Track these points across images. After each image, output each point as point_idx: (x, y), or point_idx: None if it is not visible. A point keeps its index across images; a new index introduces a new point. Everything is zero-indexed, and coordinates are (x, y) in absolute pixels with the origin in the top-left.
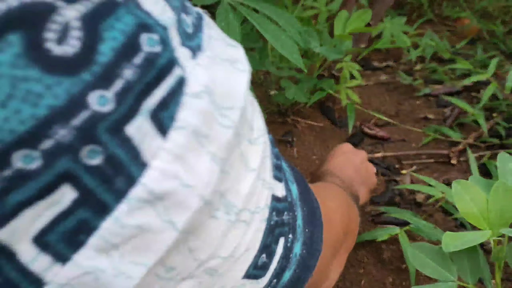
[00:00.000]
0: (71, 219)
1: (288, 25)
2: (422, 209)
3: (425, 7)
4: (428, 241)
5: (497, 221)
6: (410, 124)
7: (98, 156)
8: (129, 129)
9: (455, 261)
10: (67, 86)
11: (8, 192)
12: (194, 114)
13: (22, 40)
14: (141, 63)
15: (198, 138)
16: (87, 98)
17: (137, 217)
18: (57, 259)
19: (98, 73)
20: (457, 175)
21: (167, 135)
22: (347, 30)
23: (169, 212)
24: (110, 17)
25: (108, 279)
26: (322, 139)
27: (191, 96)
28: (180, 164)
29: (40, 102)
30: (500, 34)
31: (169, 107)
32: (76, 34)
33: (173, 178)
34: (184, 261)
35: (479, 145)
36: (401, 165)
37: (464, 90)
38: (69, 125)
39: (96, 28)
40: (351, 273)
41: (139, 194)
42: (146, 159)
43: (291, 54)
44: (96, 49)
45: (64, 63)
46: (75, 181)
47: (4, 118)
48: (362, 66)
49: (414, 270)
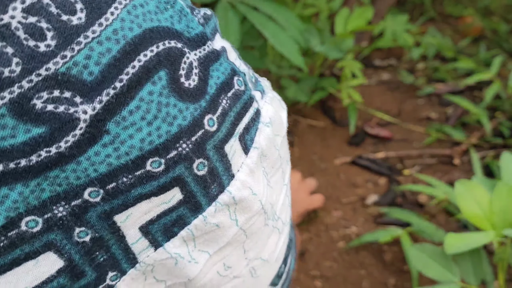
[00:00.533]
0: (172, 214)
1: (288, 24)
2: (424, 210)
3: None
4: (431, 242)
5: (500, 222)
6: (412, 124)
7: (205, 168)
8: (226, 147)
9: (458, 262)
10: (192, 110)
11: (136, 186)
12: (264, 139)
13: (167, 75)
14: (232, 96)
15: (261, 157)
16: (203, 120)
17: (218, 217)
18: (152, 244)
19: (209, 101)
20: (460, 176)
21: (249, 153)
22: (348, 29)
23: (236, 213)
24: (216, 62)
25: (184, 263)
26: (323, 139)
27: (264, 124)
28: (252, 176)
29: (174, 122)
30: (503, 33)
31: (250, 132)
32: (196, 72)
33: (248, 187)
34: (238, 260)
35: (482, 145)
36: (403, 165)
37: (467, 89)
38: (189, 140)
39: (208, 69)
40: (353, 274)
41: (225, 199)
42: (233, 171)
43: (291, 53)
44: (208, 83)
45: (190, 93)
46: (184, 185)
47: (148, 132)
48: (364, 64)
49: (416, 271)
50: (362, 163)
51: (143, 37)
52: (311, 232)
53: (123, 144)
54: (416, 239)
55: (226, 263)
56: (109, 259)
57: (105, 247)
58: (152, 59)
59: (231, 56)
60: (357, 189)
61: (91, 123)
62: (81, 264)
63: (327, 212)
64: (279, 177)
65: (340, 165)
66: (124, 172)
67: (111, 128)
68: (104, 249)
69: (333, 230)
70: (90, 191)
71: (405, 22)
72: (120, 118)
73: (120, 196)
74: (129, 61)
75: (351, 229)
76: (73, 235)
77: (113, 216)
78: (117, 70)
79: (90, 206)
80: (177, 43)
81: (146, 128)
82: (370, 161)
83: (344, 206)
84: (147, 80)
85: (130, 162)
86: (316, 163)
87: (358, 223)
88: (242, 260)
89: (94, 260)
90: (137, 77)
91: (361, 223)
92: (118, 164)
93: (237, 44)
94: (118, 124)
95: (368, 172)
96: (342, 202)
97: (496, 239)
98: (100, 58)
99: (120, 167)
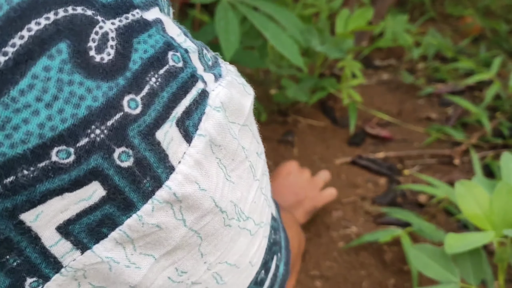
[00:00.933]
0: (96, 213)
1: (288, 24)
2: (424, 210)
3: (427, 5)
4: (431, 242)
5: (500, 222)
6: (413, 124)
7: (130, 159)
8: (158, 134)
9: (458, 262)
10: (105, 90)
11: (41, 180)
12: (213, 125)
13: (69, 48)
14: (165, 74)
15: (212, 146)
16: (121, 101)
17: (158, 216)
18: (77, 246)
19: (131, 78)
20: (460, 176)
21: (192, 141)
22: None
23: (183, 212)
24: (143, 33)
25: (120, 268)
26: (323, 139)
27: (213, 108)
28: (198, 169)
29: (81, 103)
30: (503, 33)
31: (193, 116)
32: (113, 44)
33: (193, 182)
34: (195, 265)
35: (482, 145)
36: (403, 165)
37: (467, 89)
38: (104, 125)
39: (130, 40)
40: (353, 274)
41: (164, 196)
42: (172, 163)
43: (291, 53)
44: (130, 58)
45: (103, 69)
46: (105, 179)
47: (47, 116)
48: (364, 64)
49: (416, 271)
50: (362, 163)
51: (35, 2)
52: (311, 232)
53: (17, 130)
54: (416, 239)
55: (179, 267)
56: (24, 263)
57: (16, 250)
58: (47, 28)
59: (170, 30)
60: (357, 189)
61: None
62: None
63: (327, 212)
64: (244, 171)
65: (340, 165)
66: (23, 163)
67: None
68: (16, 253)
69: (333, 230)
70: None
71: (405, 22)
72: (8, 99)
73: (23, 192)
74: (15, 31)
75: (351, 229)
76: None
77: (19, 215)
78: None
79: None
80: (85, 10)
81: (45, 111)
82: (370, 161)
83: (344, 206)
84: (41, 54)
85: (28, 152)
86: (316, 163)
87: (358, 223)
88: (200, 265)
89: (5, 265)
90: (26, 50)
91: (361, 223)
92: (14, 154)
93: (237, 44)
94: (6, 107)
95: (368, 172)
96: (342, 202)
97: (496, 239)
98: None
99: (17, 158)
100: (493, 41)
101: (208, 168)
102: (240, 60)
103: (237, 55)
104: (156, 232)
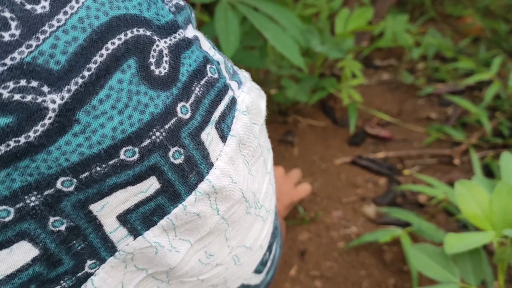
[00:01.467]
0: (150, 204)
1: (288, 24)
2: (424, 210)
3: (427, 5)
4: (431, 242)
5: (500, 222)
6: (412, 124)
7: (181, 157)
8: (203, 135)
9: (458, 262)
10: (163, 98)
11: (110, 175)
12: (242, 126)
13: (136, 63)
14: (205, 84)
15: (240, 145)
16: (176, 108)
17: (199, 206)
18: (131, 233)
19: (181, 88)
20: (460, 176)
21: (226, 141)
22: (349, 29)
23: (217, 202)
24: (188, 50)
25: (164, 252)
26: (323, 139)
27: (241, 112)
28: (231, 165)
29: (145, 110)
30: (503, 33)
31: (227, 119)
32: (167, 59)
33: (227, 176)
34: (221, 248)
35: (482, 145)
36: (403, 165)
37: (467, 89)
38: (163, 128)
39: (179, 56)
40: (352, 274)
41: (205, 188)
42: (212, 160)
43: (291, 53)
44: (179, 71)
45: (161, 81)
46: (160, 175)
47: (119, 121)
48: (364, 64)
49: (416, 271)
50: (362, 163)
51: (110, 25)
52: (311, 232)
53: (95, 134)
54: (416, 239)
55: (208, 251)
56: (87, 247)
57: (82, 236)
58: (120, 47)
59: (204, 45)
60: (357, 189)
61: (60, 113)
62: (58, 252)
63: (327, 212)
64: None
65: (340, 165)
66: (97, 161)
67: (81, 118)
68: (81, 238)
69: (333, 230)
70: (62, 181)
71: (405, 22)
72: (90, 107)
73: (95, 186)
74: (97, 50)
75: (351, 229)
76: (47, 224)
77: (89, 205)
78: (85, 58)
79: (63, 195)
80: (146, 31)
81: (118, 117)
82: (370, 161)
83: (344, 206)
84: (116, 69)
85: (102, 151)
86: (316, 163)
87: (358, 223)
88: (224, 248)
89: (71, 249)
90: (105, 66)
91: (361, 223)
92: (90, 153)
93: (237, 44)
94: (88, 114)
95: (368, 172)
96: (342, 202)
97: (496, 239)
98: (66, 47)
99: (93, 156)
100: (493, 41)
101: (237, 164)
102: (240, 60)
103: (237, 55)
104: (195, 220)
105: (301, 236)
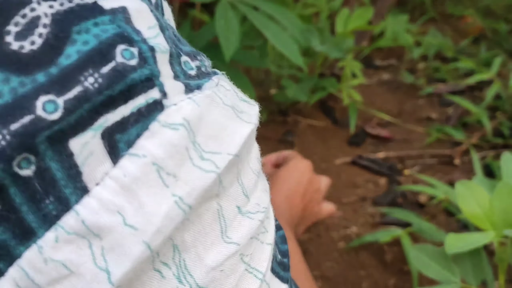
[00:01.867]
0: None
1: (289, 23)
2: (424, 210)
3: (427, 5)
4: (431, 242)
5: (500, 222)
6: (413, 124)
7: (30, 167)
8: (73, 143)
9: (458, 262)
10: (15, 85)
11: None
12: (160, 144)
13: None
14: (110, 73)
15: (161, 175)
16: (35, 102)
17: (65, 251)
18: None
19: (55, 76)
20: (460, 176)
21: (119, 161)
22: (349, 28)
23: (106, 257)
24: (89, 21)
25: None
26: (323, 139)
27: (163, 125)
28: (126, 198)
29: None
30: (504, 33)
31: (130, 130)
32: (43, 32)
33: (114, 212)
34: None
35: (483, 145)
36: (403, 165)
37: (467, 89)
38: (6, 130)
39: (69, 29)
40: (352, 275)
41: (71, 223)
42: (86, 183)
43: (291, 53)
44: (62, 51)
45: (18, 59)
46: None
47: None
48: (364, 64)
49: (417, 272)
50: (362, 163)
51: None
52: (311, 232)
53: None
54: (416, 239)
55: None
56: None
57: None
58: None
59: (139, 22)
60: (357, 189)
61: None
62: None
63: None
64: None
65: (340, 165)
66: None
67: None
68: None
69: (334, 230)
70: None
71: (405, 22)
72: None
73: None
74: None
75: (351, 229)
76: None
77: None
78: None
79: None
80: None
81: None
82: (370, 161)
83: (344, 206)
84: None
85: None
86: (316, 163)
87: (358, 223)
88: None
89: None
90: None
91: (361, 223)
92: None
93: (237, 44)
94: None
95: (368, 172)
96: (342, 202)
97: (496, 239)
98: None
99: None
100: (494, 41)
101: (146, 202)
102: (240, 59)
103: (237, 55)
104: (68, 279)
105: (301, 236)
